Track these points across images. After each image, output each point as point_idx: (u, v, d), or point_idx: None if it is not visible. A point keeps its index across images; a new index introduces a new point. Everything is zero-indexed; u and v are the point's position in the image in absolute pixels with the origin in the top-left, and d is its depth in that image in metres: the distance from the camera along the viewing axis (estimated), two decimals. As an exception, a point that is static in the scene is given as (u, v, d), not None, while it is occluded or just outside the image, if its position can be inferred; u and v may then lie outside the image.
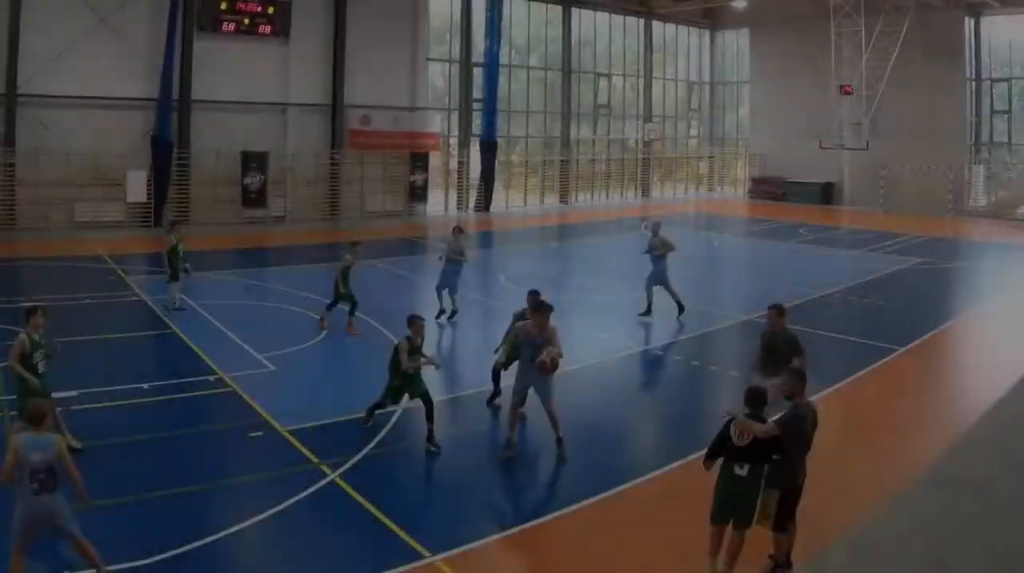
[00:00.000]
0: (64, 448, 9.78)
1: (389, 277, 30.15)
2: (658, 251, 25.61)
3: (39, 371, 13.65)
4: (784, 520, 10.54)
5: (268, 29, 45.69)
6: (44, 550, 10.43)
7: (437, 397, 15.85)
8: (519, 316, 16.75)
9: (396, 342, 15.26)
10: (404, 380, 14.97)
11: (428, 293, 26.21)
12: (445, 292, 24.07)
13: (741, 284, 33.54)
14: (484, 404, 17.15)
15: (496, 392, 16.95)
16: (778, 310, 14.81)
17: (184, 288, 25.02)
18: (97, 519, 10.85)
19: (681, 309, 25.18)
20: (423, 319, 15.46)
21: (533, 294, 16.37)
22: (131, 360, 20.42)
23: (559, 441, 14.50)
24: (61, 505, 9.73)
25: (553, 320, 14.81)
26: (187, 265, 24.66)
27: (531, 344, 14.53)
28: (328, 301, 23.10)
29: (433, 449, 14.74)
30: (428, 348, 16.65)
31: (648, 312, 25.30)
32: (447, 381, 18.64)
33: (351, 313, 22.43)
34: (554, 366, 14.39)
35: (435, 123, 53.19)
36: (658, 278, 25.48)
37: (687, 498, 12.30)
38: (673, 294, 25.31)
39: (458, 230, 25.25)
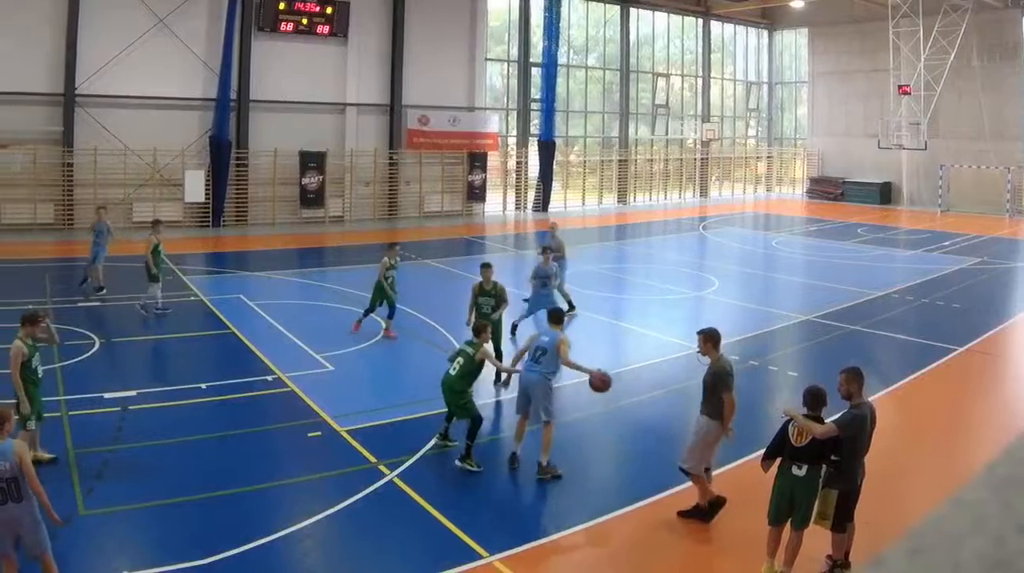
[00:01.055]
0: (25, 456, 9.16)
1: (448, 277, 29.33)
2: (557, 254, 24.32)
3: (39, 377, 13.10)
4: (843, 520, 10.40)
5: (326, 29, 44.44)
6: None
7: (494, 397, 16.88)
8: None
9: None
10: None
11: None
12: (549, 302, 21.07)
13: (799, 284, 32.41)
14: None
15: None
16: (704, 336, 12.61)
17: (166, 287, 24.33)
18: (156, 519, 11.42)
19: (571, 307, 24.10)
20: (491, 265, 17.95)
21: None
22: (189, 360, 20.21)
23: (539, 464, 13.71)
24: (24, 517, 9.13)
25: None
26: (167, 268, 24.38)
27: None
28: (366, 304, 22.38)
29: (471, 467, 13.67)
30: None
31: (571, 308, 23.99)
32: (505, 381, 17.44)
33: (389, 316, 21.36)
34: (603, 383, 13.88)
35: (493, 123, 51.72)
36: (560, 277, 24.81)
37: (745, 498, 12.09)
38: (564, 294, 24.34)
39: (553, 226, 24.42)
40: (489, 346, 15.38)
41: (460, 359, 14.28)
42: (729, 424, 11.89)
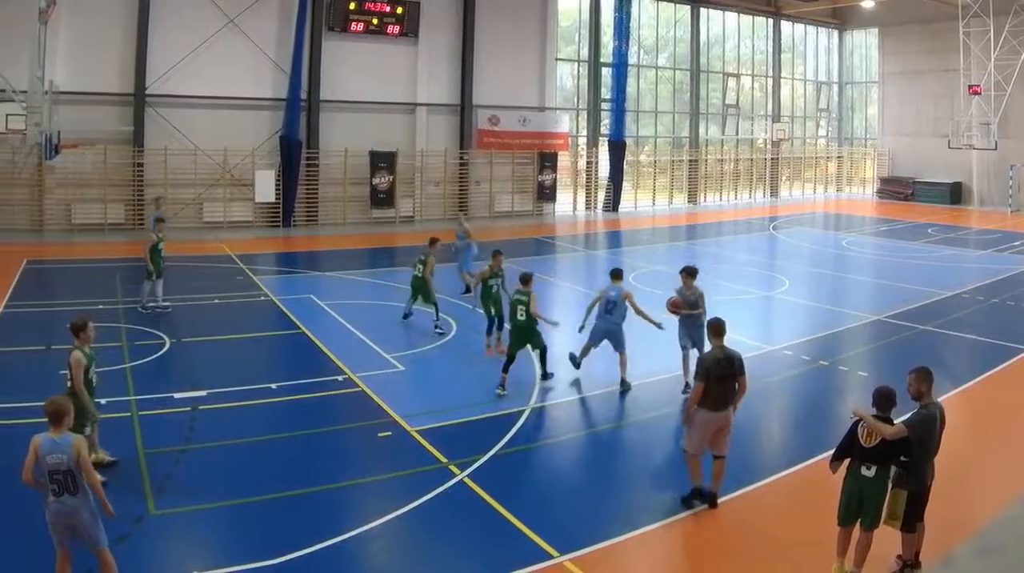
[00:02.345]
0: (83, 449, 8.79)
1: (517, 277, 27.08)
2: (467, 239, 26.40)
3: (94, 385, 12.33)
4: (913, 521, 10.07)
5: (397, 29, 42.57)
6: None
7: (570, 397, 16.78)
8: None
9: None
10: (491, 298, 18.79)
11: (555, 291, 26.17)
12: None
13: (870, 284, 30.78)
14: (617, 405, 16.48)
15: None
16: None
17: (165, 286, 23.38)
18: (226, 519, 11.23)
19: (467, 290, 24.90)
20: (502, 254, 18.79)
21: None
22: (260, 360, 19.82)
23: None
24: (81, 509, 8.81)
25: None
26: (165, 265, 23.28)
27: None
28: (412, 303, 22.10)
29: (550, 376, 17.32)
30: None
31: (468, 291, 24.78)
32: (576, 381, 17.68)
33: (488, 331, 19.65)
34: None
35: (563, 123, 49.45)
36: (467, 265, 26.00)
37: (815, 498, 11.75)
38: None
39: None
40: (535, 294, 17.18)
41: (520, 306, 16.86)
42: (688, 410, 11.95)
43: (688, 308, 16.58)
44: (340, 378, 17.41)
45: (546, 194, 48.68)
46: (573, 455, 14.27)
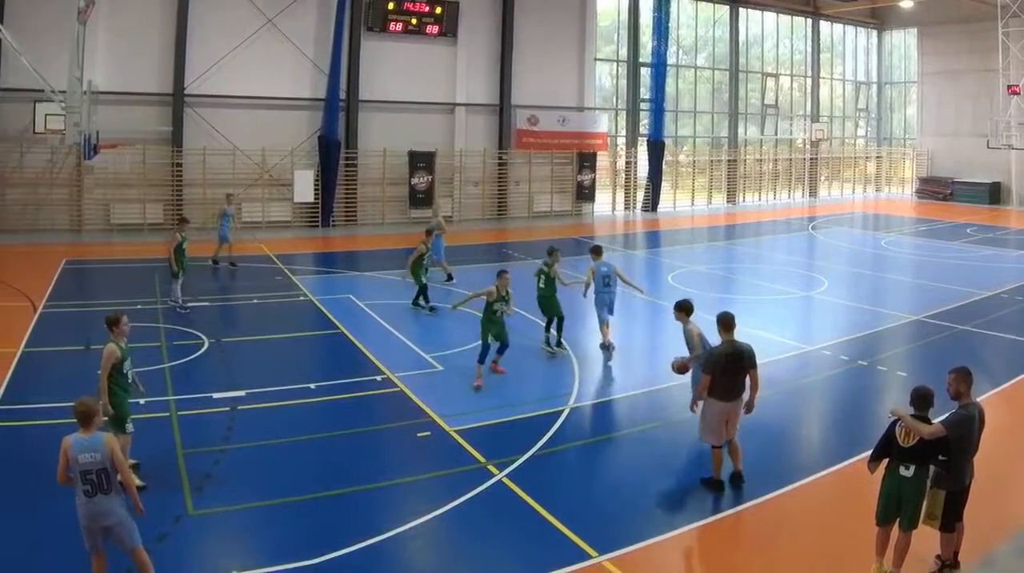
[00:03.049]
0: (116, 448, 8.61)
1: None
2: (437, 231, 26.66)
3: (130, 381, 12.02)
4: (951, 520, 9.81)
5: (436, 29, 41.45)
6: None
7: (608, 397, 16.66)
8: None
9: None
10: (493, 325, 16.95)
11: (590, 291, 23.82)
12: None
13: (909, 284, 29.81)
14: (652, 405, 16.13)
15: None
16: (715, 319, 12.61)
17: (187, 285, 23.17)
18: (265, 519, 11.01)
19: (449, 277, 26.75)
20: (507, 272, 17.34)
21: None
22: (298, 360, 19.34)
23: None
24: (115, 509, 8.59)
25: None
26: (187, 264, 22.79)
27: None
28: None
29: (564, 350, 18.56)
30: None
31: (449, 278, 26.74)
32: (615, 381, 17.68)
33: (484, 359, 17.19)
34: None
35: (602, 123, 47.94)
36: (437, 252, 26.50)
37: (853, 498, 11.56)
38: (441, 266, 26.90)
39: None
40: (559, 266, 18.92)
41: (542, 276, 19.00)
42: (694, 402, 12.44)
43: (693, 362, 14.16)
44: (379, 378, 17.01)
45: (585, 194, 47.39)
46: (611, 455, 13.97)
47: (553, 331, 19.33)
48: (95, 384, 12.05)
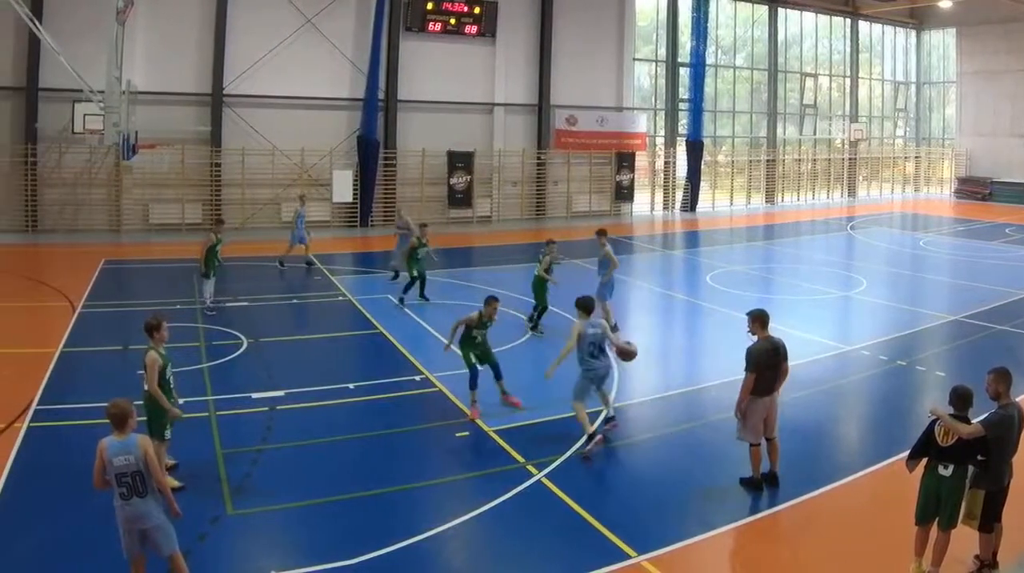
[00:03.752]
0: (150, 450, 8.32)
1: (595, 277, 25.46)
2: (403, 231, 26.50)
3: (171, 386, 11.55)
4: (990, 520, 9.49)
5: (474, 29, 40.15)
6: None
7: (647, 397, 16.00)
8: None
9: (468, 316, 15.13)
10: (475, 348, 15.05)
11: (633, 292, 25.50)
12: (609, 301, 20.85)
13: (947, 284, 29.03)
14: (694, 405, 15.72)
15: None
16: (752, 316, 12.03)
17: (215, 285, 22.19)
18: (304, 519, 10.73)
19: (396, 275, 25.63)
20: (498, 300, 15.29)
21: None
22: (337, 360, 18.88)
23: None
24: (151, 512, 8.30)
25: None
26: (219, 265, 22.14)
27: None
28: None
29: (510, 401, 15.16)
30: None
31: (396, 276, 25.53)
32: (653, 382, 17.18)
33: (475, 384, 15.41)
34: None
35: (641, 123, 46.26)
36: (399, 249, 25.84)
37: (892, 498, 11.24)
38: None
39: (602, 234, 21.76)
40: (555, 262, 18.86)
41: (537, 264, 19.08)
42: (742, 401, 11.59)
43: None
44: (417, 378, 16.60)
45: (624, 194, 45.91)
46: (650, 455, 13.57)
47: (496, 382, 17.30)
48: (134, 384, 11.91)
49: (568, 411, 13.91)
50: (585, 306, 13.84)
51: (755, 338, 11.77)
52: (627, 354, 13.93)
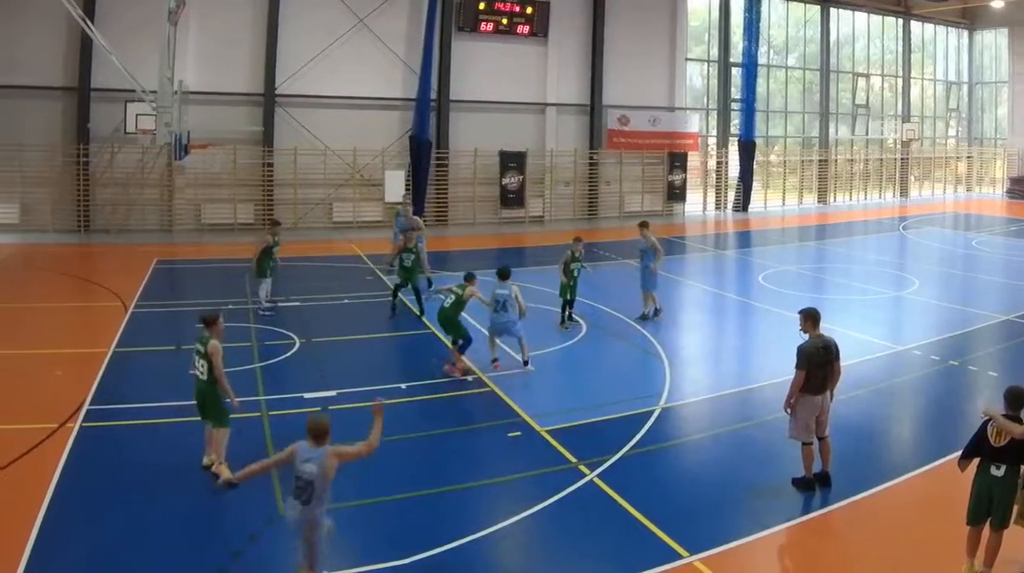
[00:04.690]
0: (331, 469, 8.22)
1: (634, 275, 24.23)
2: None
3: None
4: None
5: (526, 29, 38.12)
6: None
7: (699, 397, 15.35)
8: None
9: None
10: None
11: (686, 291, 25.10)
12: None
13: (1000, 284, 27.35)
14: (745, 405, 14.96)
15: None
16: (804, 314, 11.48)
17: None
18: (355, 519, 10.14)
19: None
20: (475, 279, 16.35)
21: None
22: (389, 360, 18.32)
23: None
24: (313, 519, 8.17)
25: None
26: (274, 266, 21.02)
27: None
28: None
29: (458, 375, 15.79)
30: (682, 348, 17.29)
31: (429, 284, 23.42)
32: (705, 381, 16.54)
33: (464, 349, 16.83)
34: None
35: (693, 123, 43.94)
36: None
37: (944, 498, 10.68)
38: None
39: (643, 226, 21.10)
40: (476, 288, 16.28)
41: (452, 297, 16.27)
42: (790, 397, 11.11)
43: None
44: (470, 378, 15.85)
45: (676, 194, 43.53)
46: (702, 455, 12.99)
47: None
48: (185, 384, 12.18)
49: (619, 412, 13.91)
50: (501, 273, 16.47)
51: (806, 336, 11.21)
52: (522, 312, 16.06)
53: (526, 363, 16.37)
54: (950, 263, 31.21)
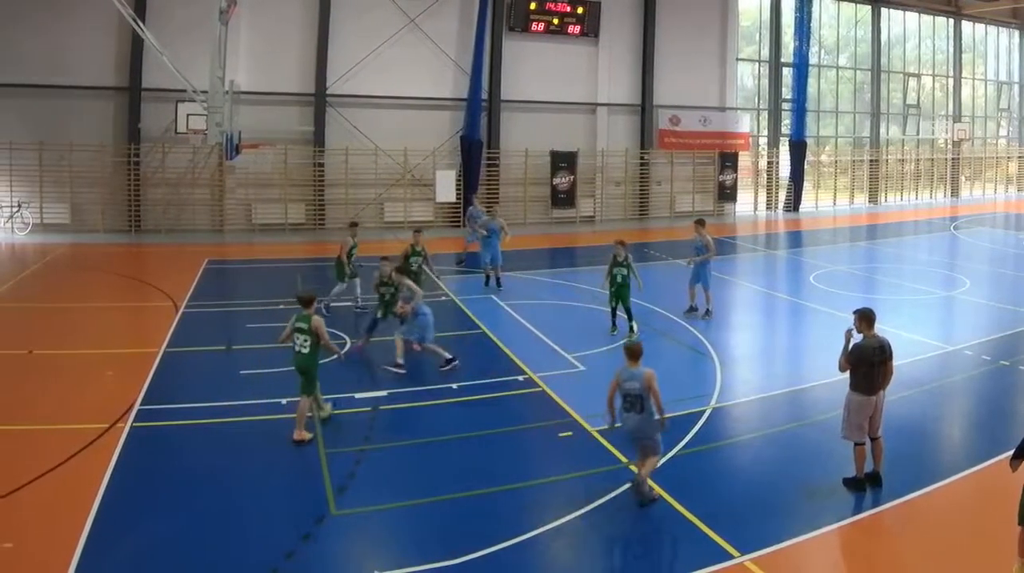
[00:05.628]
0: (652, 379, 9.99)
1: (685, 275, 23.00)
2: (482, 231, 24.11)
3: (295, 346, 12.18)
4: None
5: (577, 29, 35.97)
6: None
7: (750, 397, 14.57)
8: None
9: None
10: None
11: (736, 291, 23.89)
12: (698, 287, 19.92)
13: None
14: (797, 404, 14.17)
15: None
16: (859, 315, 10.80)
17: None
18: (407, 519, 9.92)
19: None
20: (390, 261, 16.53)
21: None
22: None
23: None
24: (644, 427, 10.03)
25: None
26: (359, 266, 20.40)
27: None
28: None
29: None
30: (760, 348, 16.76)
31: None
32: (756, 381, 15.47)
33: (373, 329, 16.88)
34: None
35: (744, 123, 41.41)
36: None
37: (996, 498, 10.03)
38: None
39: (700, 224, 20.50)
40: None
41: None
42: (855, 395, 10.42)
43: None
44: (521, 378, 15.21)
45: (727, 194, 41.05)
46: (753, 454, 12.28)
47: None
48: (236, 384, 13.14)
49: (670, 412, 11.97)
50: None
51: (860, 336, 10.66)
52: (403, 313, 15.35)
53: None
54: (1001, 263, 29.70)
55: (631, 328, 17.72)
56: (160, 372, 15.07)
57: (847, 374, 10.74)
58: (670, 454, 11.63)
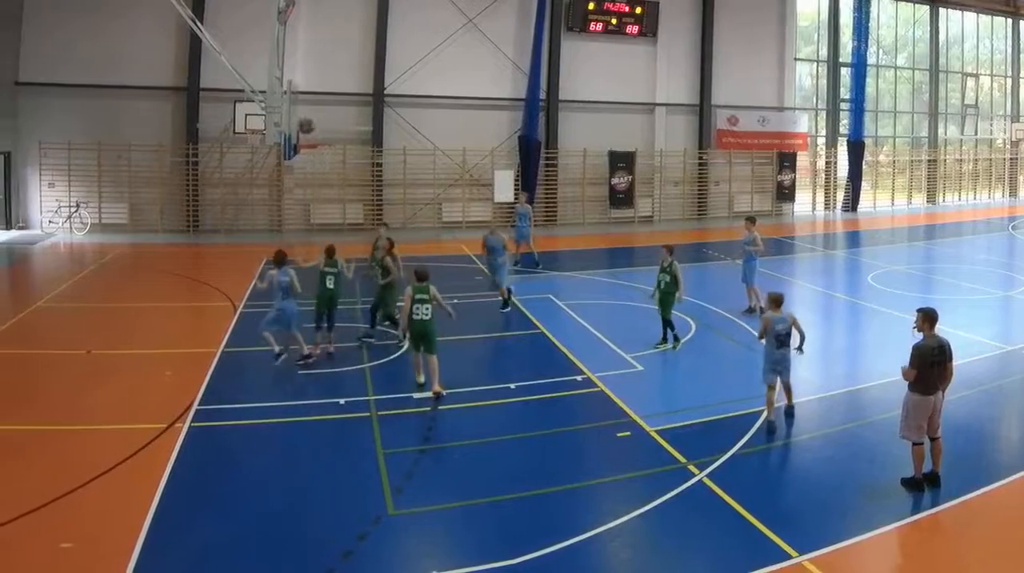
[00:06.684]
0: (794, 318, 11.39)
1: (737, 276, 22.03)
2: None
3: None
4: None
5: (636, 29, 33.54)
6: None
7: (809, 397, 13.31)
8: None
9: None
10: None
11: (793, 291, 22.06)
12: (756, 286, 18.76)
13: None
14: (855, 404, 13.28)
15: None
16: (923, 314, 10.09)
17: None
18: (464, 519, 9.44)
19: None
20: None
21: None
22: (498, 360, 16.55)
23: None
24: (788, 358, 11.40)
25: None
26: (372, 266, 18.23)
27: None
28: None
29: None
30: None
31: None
32: (814, 381, 14.28)
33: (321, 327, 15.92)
34: None
35: (803, 123, 38.53)
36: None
37: None
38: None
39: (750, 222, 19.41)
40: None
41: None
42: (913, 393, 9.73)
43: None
44: (579, 378, 14.29)
45: (785, 194, 38.14)
46: (812, 454, 11.49)
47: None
48: (294, 383, 13.49)
49: (728, 412, 12.72)
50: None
51: (921, 335, 9.92)
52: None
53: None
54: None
55: (663, 338, 15.99)
56: (218, 372, 14.41)
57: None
58: (728, 454, 11.12)
